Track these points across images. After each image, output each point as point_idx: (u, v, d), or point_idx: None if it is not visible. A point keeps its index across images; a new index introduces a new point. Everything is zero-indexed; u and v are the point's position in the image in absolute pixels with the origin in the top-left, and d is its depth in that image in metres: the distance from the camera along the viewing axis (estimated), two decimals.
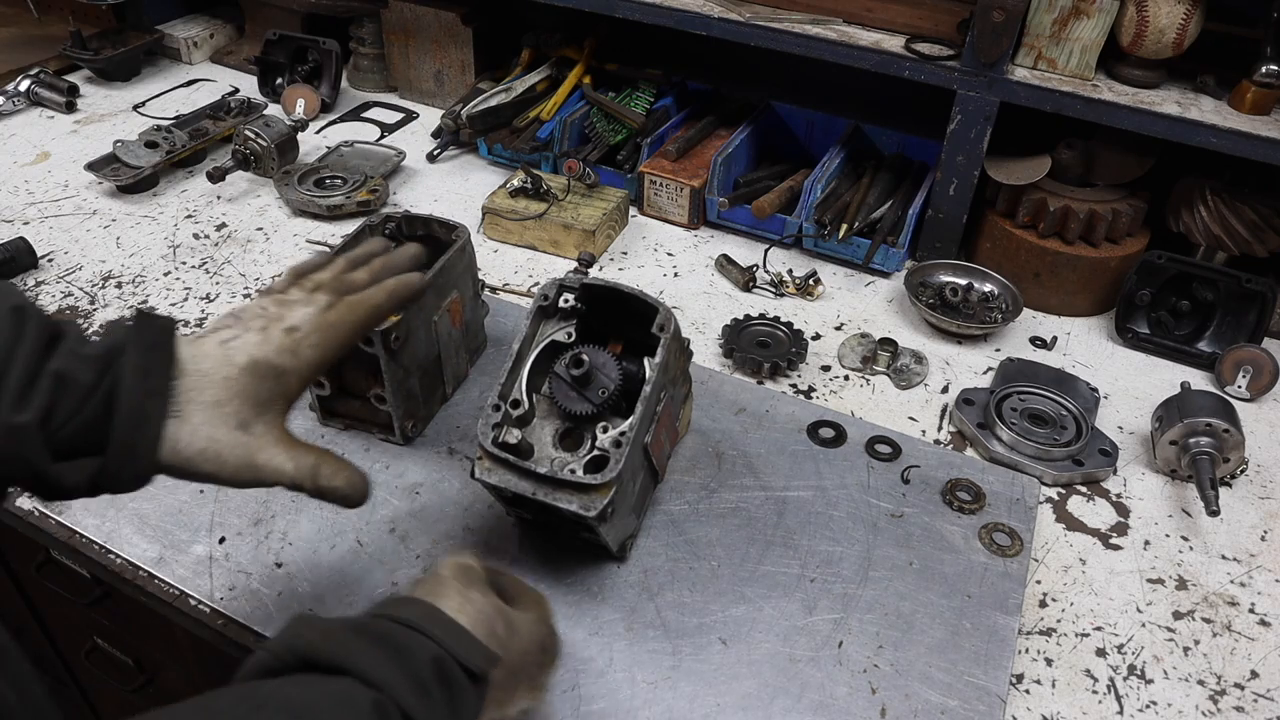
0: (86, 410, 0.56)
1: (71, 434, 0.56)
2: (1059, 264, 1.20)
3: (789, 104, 1.47)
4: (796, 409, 1.01)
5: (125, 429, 0.57)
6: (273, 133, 1.38)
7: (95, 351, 0.58)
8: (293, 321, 0.65)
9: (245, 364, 0.62)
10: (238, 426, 0.61)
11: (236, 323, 0.65)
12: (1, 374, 0.55)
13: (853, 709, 0.72)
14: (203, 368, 0.61)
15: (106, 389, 0.57)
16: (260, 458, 0.61)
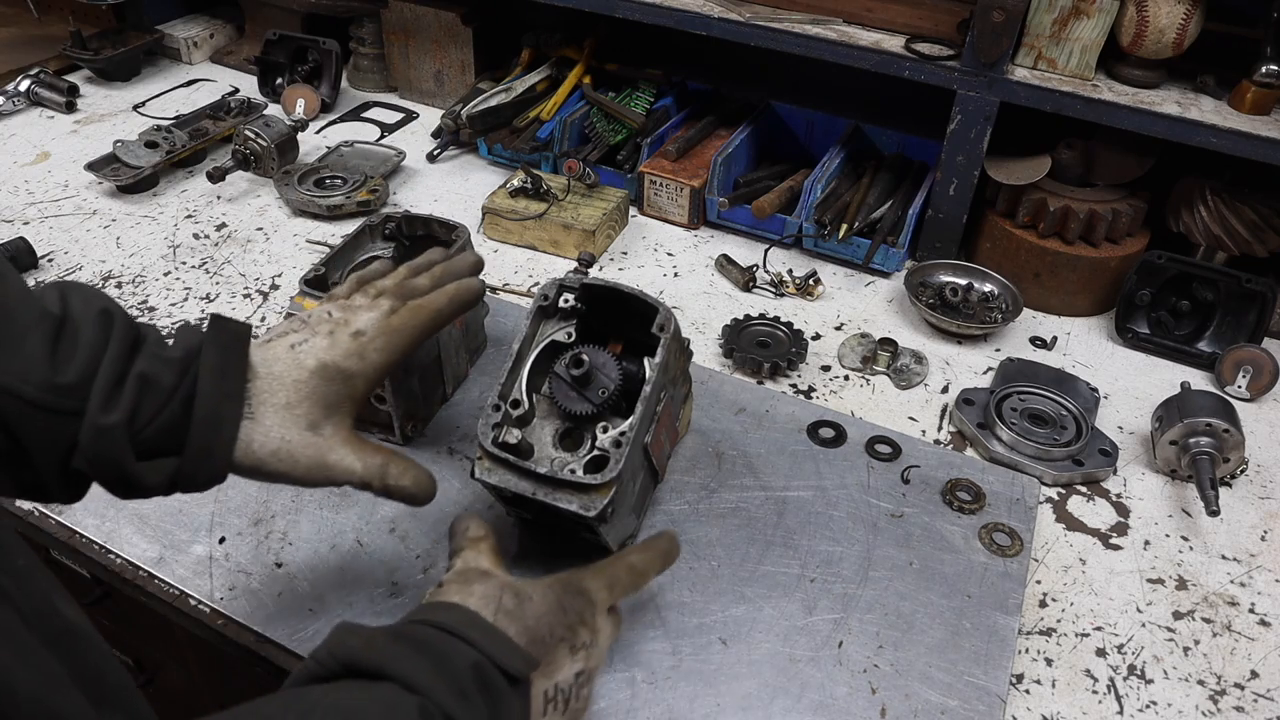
0: (167, 412, 0.58)
1: (153, 435, 0.58)
2: (1059, 264, 1.20)
3: (789, 104, 1.47)
4: (796, 409, 1.01)
5: (202, 431, 0.59)
6: (273, 133, 1.38)
7: (175, 355, 0.60)
8: (359, 326, 0.67)
9: (314, 367, 0.64)
10: (308, 428, 0.63)
11: (304, 327, 0.67)
12: (90, 375, 0.56)
13: (853, 709, 0.72)
14: (274, 370, 0.63)
15: (185, 391, 0.59)
16: (331, 458, 0.64)
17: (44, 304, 0.58)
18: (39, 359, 0.55)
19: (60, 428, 0.56)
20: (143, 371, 0.58)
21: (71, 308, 0.58)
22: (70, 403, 0.55)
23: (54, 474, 0.57)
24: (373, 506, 0.88)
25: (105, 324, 0.58)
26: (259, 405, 0.61)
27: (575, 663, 0.60)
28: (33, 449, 0.56)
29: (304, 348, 0.65)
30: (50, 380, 0.55)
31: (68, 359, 0.56)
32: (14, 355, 0.55)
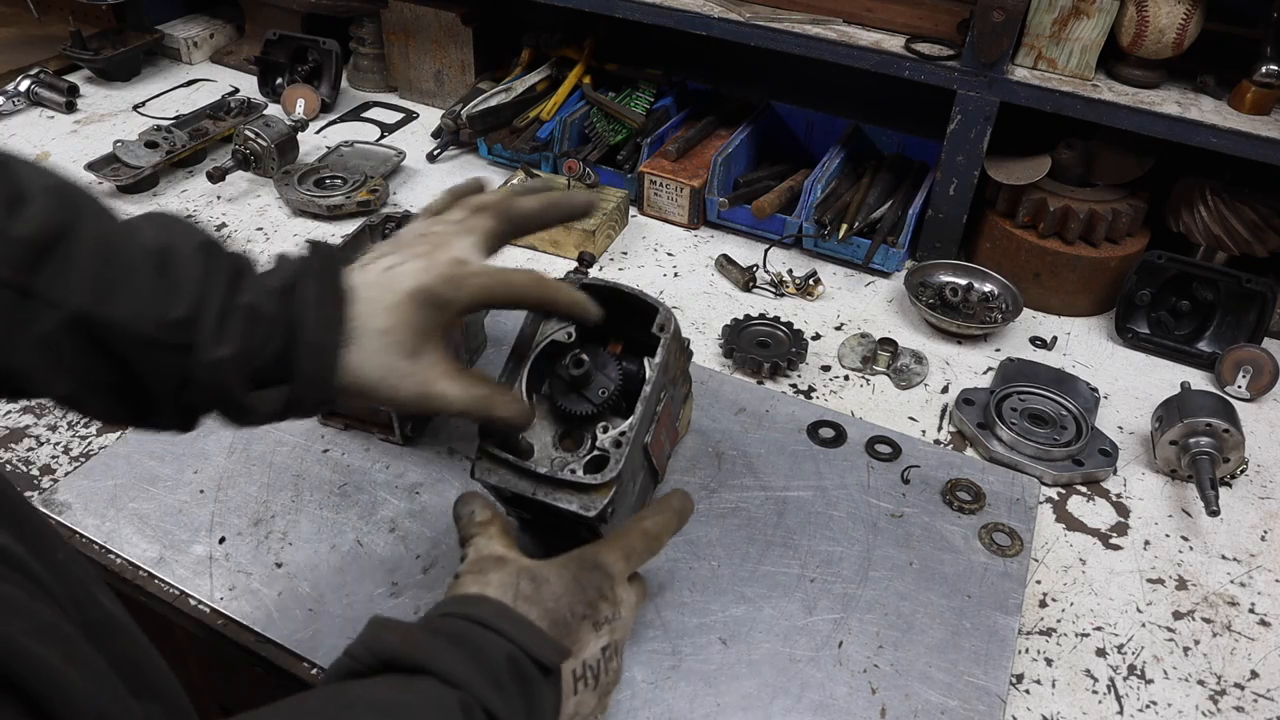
0: (274, 341, 0.58)
1: (262, 364, 0.58)
2: (1059, 264, 1.20)
3: (789, 104, 1.47)
4: (796, 409, 1.01)
5: (309, 358, 0.59)
6: (273, 133, 1.38)
7: (276, 283, 0.60)
8: (460, 253, 0.65)
9: (411, 289, 0.62)
10: (409, 355, 0.62)
11: (397, 249, 0.65)
12: (199, 310, 0.56)
13: (853, 709, 0.72)
14: (371, 295, 0.62)
15: (289, 319, 0.59)
16: (434, 389, 0.63)
17: (145, 239, 0.58)
18: (150, 294, 0.55)
19: (173, 361, 0.56)
20: (249, 303, 0.58)
21: (174, 240, 0.58)
22: (182, 336, 0.56)
23: (168, 405, 0.58)
24: (372, 506, 0.88)
25: (207, 255, 0.59)
26: (360, 331, 0.61)
27: (600, 638, 0.61)
28: (149, 382, 0.57)
29: (398, 270, 0.63)
30: (162, 316, 0.55)
31: (176, 293, 0.56)
32: (126, 292, 0.55)
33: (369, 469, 0.92)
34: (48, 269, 0.54)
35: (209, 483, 0.90)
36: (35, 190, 0.55)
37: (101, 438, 0.95)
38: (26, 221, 0.53)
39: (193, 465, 0.91)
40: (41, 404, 0.99)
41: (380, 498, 0.89)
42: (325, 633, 0.77)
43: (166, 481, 0.90)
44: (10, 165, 0.56)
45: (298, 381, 0.59)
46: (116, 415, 0.60)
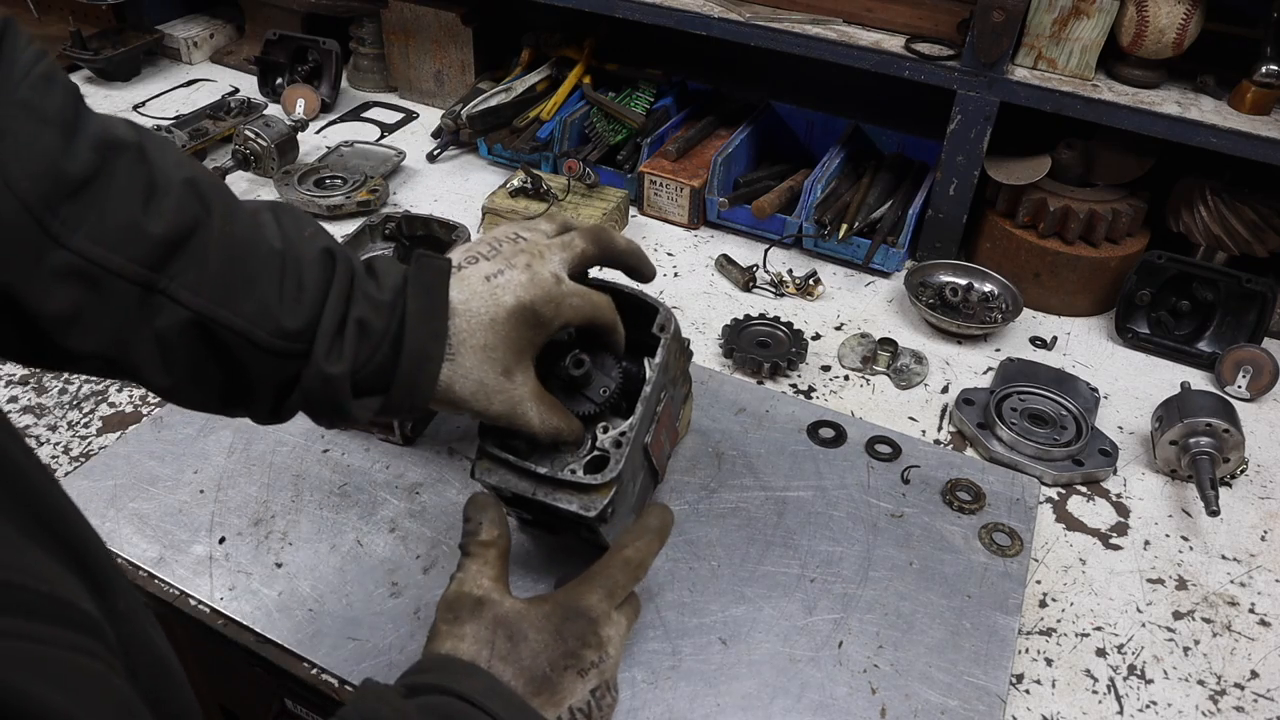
0: (379, 354, 0.60)
1: (366, 376, 0.60)
2: (1059, 264, 1.20)
3: (789, 104, 1.47)
4: (796, 409, 1.01)
5: (409, 371, 0.60)
6: (273, 133, 1.38)
7: (385, 298, 0.61)
8: (557, 268, 0.66)
9: (513, 307, 0.63)
10: (503, 372, 0.64)
11: (496, 255, 0.65)
12: (315, 319, 0.58)
13: (853, 709, 0.72)
14: (472, 308, 0.63)
15: (394, 333, 0.60)
16: (519, 409, 0.66)
17: (269, 239, 0.59)
18: (270, 301, 0.57)
19: (285, 368, 0.58)
20: (360, 318, 0.59)
21: (292, 243, 0.59)
22: (298, 346, 0.57)
23: (266, 403, 0.60)
24: (372, 506, 0.88)
25: (327, 265, 0.60)
26: (459, 344, 0.62)
27: (588, 681, 0.61)
28: (255, 383, 0.59)
29: (501, 281, 0.64)
30: (280, 325, 0.57)
31: (295, 301, 0.58)
32: (248, 296, 0.56)
33: (369, 469, 0.92)
34: (175, 267, 0.54)
35: (209, 483, 0.90)
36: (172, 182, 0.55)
37: (101, 438, 0.95)
38: (160, 217, 0.54)
39: (193, 465, 0.91)
40: (42, 404, 0.99)
41: (380, 498, 0.89)
42: (325, 633, 0.77)
43: (166, 481, 0.90)
44: (148, 150, 0.56)
45: (396, 391, 0.61)
46: (207, 405, 0.61)
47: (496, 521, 0.66)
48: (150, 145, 0.56)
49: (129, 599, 0.46)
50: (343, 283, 0.60)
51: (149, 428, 0.95)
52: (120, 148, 0.54)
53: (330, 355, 0.58)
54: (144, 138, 0.56)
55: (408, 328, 0.60)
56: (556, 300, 0.65)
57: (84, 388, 1.01)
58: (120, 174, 0.53)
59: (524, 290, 0.64)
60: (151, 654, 0.47)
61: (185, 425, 0.95)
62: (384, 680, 0.57)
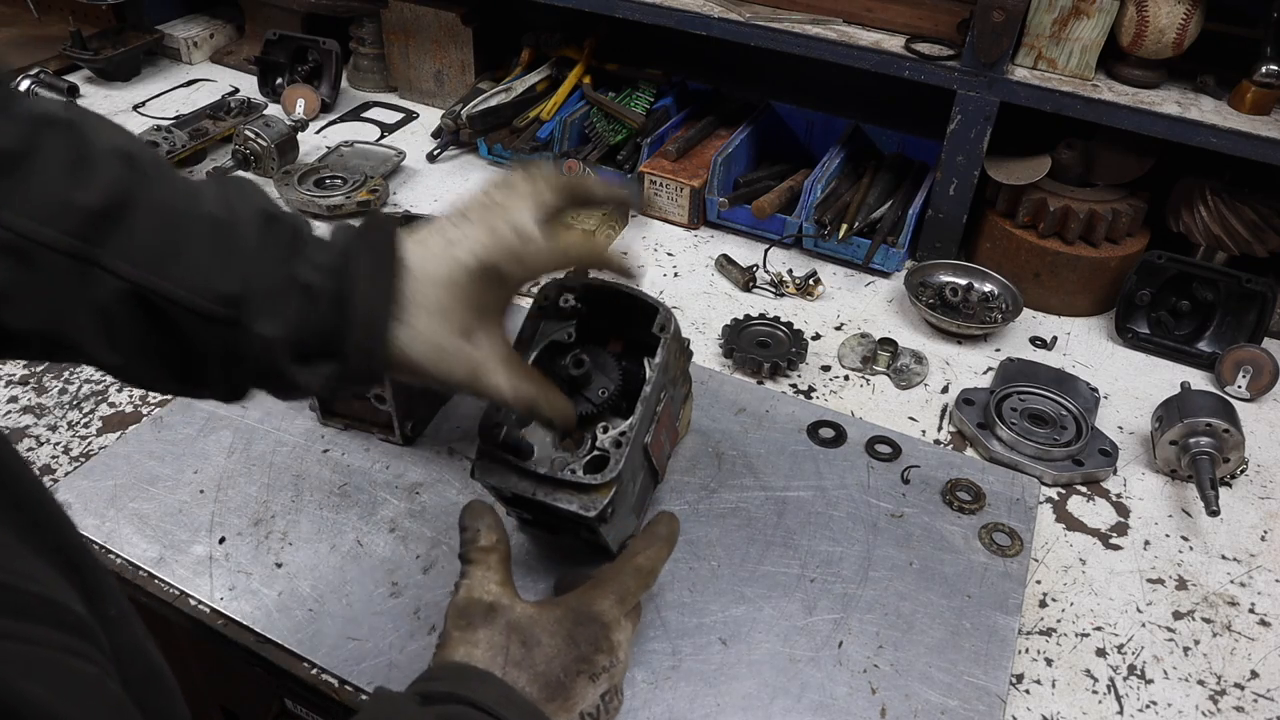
0: (324, 316, 0.57)
1: (312, 340, 0.57)
2: (1059, 264, 1.20)
3: (789, 104, 1.47)
4: (796, 409, 1.01)
5: (359, 332, 0.57)
6: (273, 133, 1.38)
7: (330, 259, 0.58)
8: (520, 222, 0.62)
9: (472, 266, 0.61)
10: (461, 334, 0.61)
11: (461, 220, 0.63)
12: (251, 280, 0.56)
13: (853, 709, 0.72)
14: (428, 269, 0.60)
15: (342, 294, 0.57)
16: (484, 375, 0.62)
17: (206, 205, 0.57)
18: (205, 267, 0.55)
19: (225, 335, 0.56)
20: (302, 279, 0.57)
21: (233, 208, 0.57)
22: (234, 312, 0.55)
23: (218, 377, 0.58)
24: (372, 506, 0.88)
25: (264, 226, 0.58)
26: (413, 306, 0.59)
27: (599, 686, 0.61)
28: (201, 354, 0.56)
29: (459, 240, 0.61)
30: (214, 289, 0.55)
31: (230, 265, 0.55)
32: (182, 263, 0.54)
33: (369, 469, 0.92)
34: (109, 238, 0.53)
35: (209, 483, 0.90)
36: (103, 154, 0.54)
37: (101, 438, 0.95)
38: (91, 188, 0.53)
39: (193, 465, 0.91)
40: (42, 404, 0.99)
41: (380, 498, 0.89)
42: (325, 633, 0.77)
43: (166, 481, 0.90)
44: (79, 124, 0.55)
45: (347, 356, 0.58)
46: (165, 385, 0.60)
47: (494, 526, 0.66)
48: (83, 120, 0.55)
49: (121, 606, 0.46)
50: (279, 244, 0.57)
51: (149, 428, 0.95)
52: (49, 123, 0.53)
53: (264, 317, 0.55)
54: (77, 114, 0.55)
55: (354, 287, 0.57)
56: (518, 255, 0.62)
57: (84, 388, 1.01)
58: (48, 148, 0.53)
59: (481, 248, 0.61)
60: (144, 663, 0.46)
61: (185, 425, 0.95)
62: (395, 687, 0.57)
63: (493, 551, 0.65)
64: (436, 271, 0.60)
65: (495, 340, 0.63)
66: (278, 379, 0.58)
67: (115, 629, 0.43)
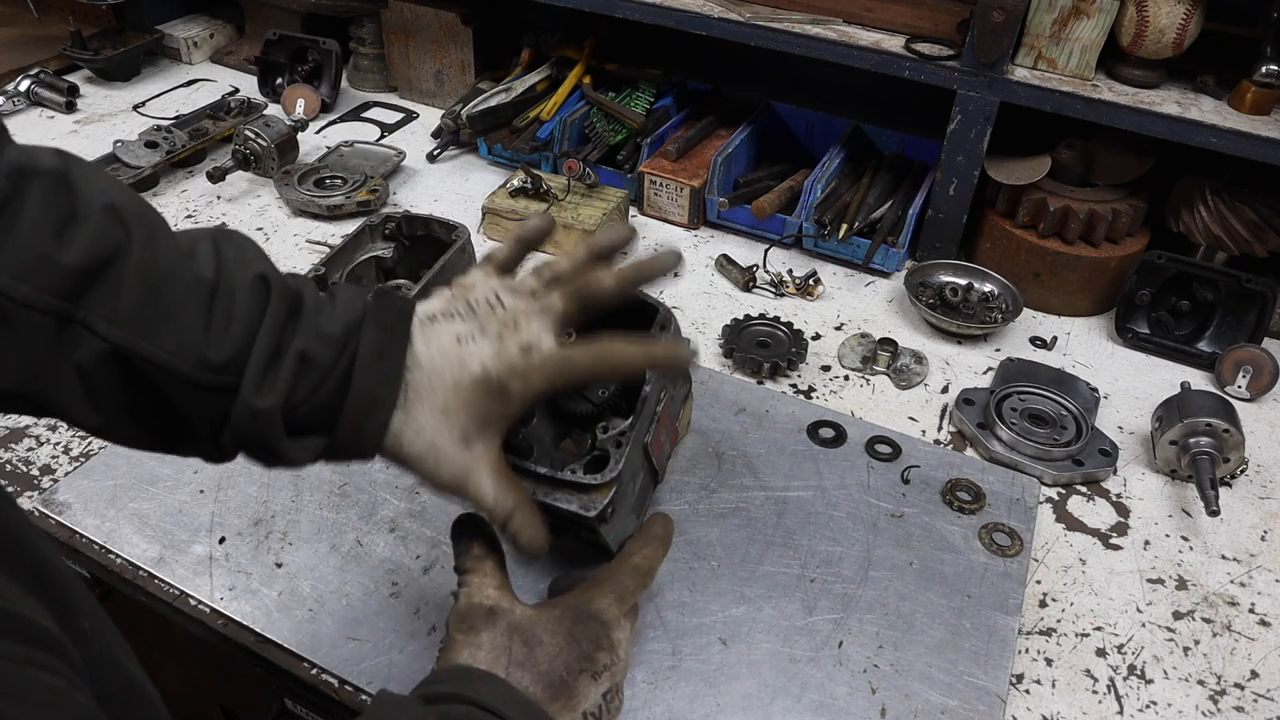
0: (323, 391, 0.56)
1: (307, 413, 0.56)
2: (1059, 264, 1.20)
3: (789, 104, 1.47)
4: (796, 409, 1.01)
5: (356, 412, 0.56)
6: (273, 133, 1.38)
7: (334, 331, 0.56)
8: (530, 339, 0.60)
9: (479, 376, 0.59)
10: (460, 440, 0.59)
11: (470, 316, 0.61)
12: (246, 350, 0.54)
13: (853, 709, 0.72)
14: (437, 365, 0.58)
15: (343, 369, 0.56)
16: (472, 481, 0.60)
17: (198, 268, 0.55)
18: (194, 332, 0.53)
19: (215, 403, 0.54)
20: (301, 349, 0.55)
21: (226, 271, 0.55)
22: (225, 379, 0.53)
23: (206, 440, 0.57)
24: (372, 506, 0.88)
25: (261, 292, 0.56)
26: (415, 400, 0.57)
27: (601, 685, 0.61)
28: (188, 418, 0.55)
29: (470, 348, 0.59)
30: (204, 357, 0.53)
31: (222, 332, 0.54)
32: (169, 328, 0.53)
33: (369, 469, 0.92)
34: (91, 298, 0.51)
35: (209, 483, 0.90)
36: (91, 209, 0.52)
37: None
38: (75, 248, 0.51)
39: (193, 465, 0.91)
40: None
41: (380, 498, 0.89)
42: (325, 633, 0.77)
43: (166, 481, 0.90)
44: (72, 179, 0.53)
45: (340, 432, 0.56)
46: (148, 445, 0.58)
47: (486, 535, 0.65)
48: (75, 172, 0.53)
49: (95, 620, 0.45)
50: (279, 312, 0.55)
51: None
52: (34, 174, 0.52)
53: (260, 389, 0.54)
54: (69, 164, 0.54)
55: (358, 365, 0.56)
56: (524, 374, 0.60)
57: None
58: (32, 202, 0.51)
59: (490, 362, 0.59)
60: (121, 676, 0.46)
61: None
62: (395, 687, 0.57)
63: (487, 558, 0.64)
64: (444, 370, 0.58)
65: (491, 449, 0.61)
66: (266, 451, 0.56)
67: (88, 642, 0.42)
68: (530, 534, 0.63)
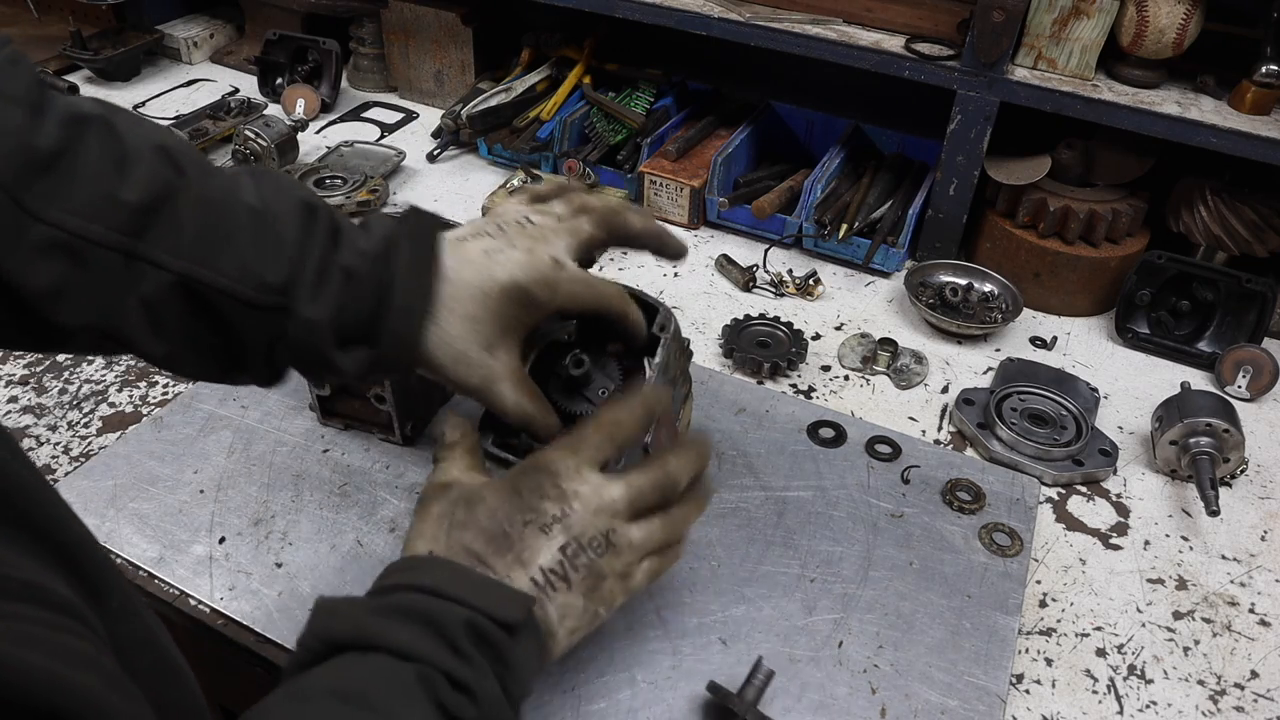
0: (365, 302, 0.59)
1: (352, 324, 0.59)
2: (1059, 264, 1.20)
3: (789, 104, 1.47)
4: (796, 409, 1.01)
5: (396, 321, 0.59)
6: (273, 133, 1.38)
7: (373, 247, 0.60)
8: (559, 252, 0.64)
9: (506, 283, 0.62)
10: (485, 347, 0.62)
11: (500, 234, 0.64)
12: (298, 268, 0.58)
13: (853, 709, 0.72)
14: (464, 275, 0.61)
15: (384, 283, 0.59)
16: (496, 387, 0.64)
17: (247, 196, 0.58)
18: (250, 256, 0.57)
19: (271, 322, 0.58)
20: (345, 265, 0.59)
21: (270, 200, 0.59)
22: (280, 299, 0.57)
23: (259, 362, 0.60)
24: (372, 506, 0.88)
25: (306, 216, 0.59)
26: (444, 310, 0.61)
27: (553, 538, 0.57)
28: (246, 341, 0.58)
29: (498, 257, 0.63)
30: (262, 279, 0.56)
31: (276, 254, 0.57)
32: (228, 254, 0.56)
33: (369, 469, 0.92)
34: (153, 232, 0.55)
35: (209, 483, 0.90)
36: (142, 150, 0.56)
37: (101, 438, 0.95)
38: (135, 185, 0.54)
39: (193, 465, 0.91)
40: (42, 404, 0.99)
41: (380, 498, 0.89)
42: None
43: (166, 481, 0.90)
44: (115, 124, 0.56)
45: (385, 342, 0.60)
46: (207, 373, 0.61)
47: (457, 425, 0.67)
48: (118, 118, 0.57)
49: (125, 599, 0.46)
50: (324, 233, 0.59)
51: (149, 428, 0.95)
52: (88, 121, 0.55)
53: (312, 301, 0.57)
54: (110, 112, 0.57)
55: (395, 279, 0.59)
56: (552, 283, 0.63)
57: (84, 388, 1.01)
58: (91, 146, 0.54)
59: (519, 269, 0.62)
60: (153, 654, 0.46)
61: (185, 425, 0.95)
62: None
63: (455, 446, 0.65)
64: (472, 279, 0.62)
65: (512, 356, 0.64)
66: (320, 362, 0.60)
67: (117, 621, 0.43)
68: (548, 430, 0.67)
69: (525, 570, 0.56)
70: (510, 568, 0.56)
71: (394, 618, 0.51)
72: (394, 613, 0.52)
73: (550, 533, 0.58)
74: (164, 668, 0.49)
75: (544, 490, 0.59)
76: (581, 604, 0.58)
